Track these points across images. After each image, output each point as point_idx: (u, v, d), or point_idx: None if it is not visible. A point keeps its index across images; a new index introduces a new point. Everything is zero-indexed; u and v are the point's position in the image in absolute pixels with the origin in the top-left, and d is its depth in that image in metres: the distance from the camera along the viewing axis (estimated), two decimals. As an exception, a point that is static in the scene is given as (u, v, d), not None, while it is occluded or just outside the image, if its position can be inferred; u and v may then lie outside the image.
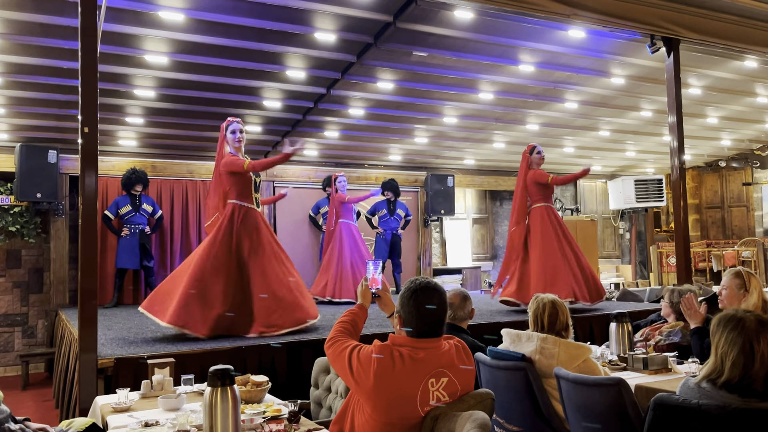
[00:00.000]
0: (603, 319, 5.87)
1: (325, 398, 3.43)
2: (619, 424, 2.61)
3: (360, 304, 2.70)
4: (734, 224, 13.30)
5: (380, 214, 9.33)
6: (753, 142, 11.64)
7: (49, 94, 6.62)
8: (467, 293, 3.81)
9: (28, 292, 8.49)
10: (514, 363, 3.06)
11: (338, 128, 8.60)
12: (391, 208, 9.37)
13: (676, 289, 4.11)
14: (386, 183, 9.47)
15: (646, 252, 13.40)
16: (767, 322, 2.03)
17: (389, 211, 9.31)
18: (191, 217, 9.21)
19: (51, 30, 5.27)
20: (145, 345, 4.46)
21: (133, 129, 8.06)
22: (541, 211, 6.61)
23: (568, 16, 5.08)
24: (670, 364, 3.38)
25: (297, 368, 4.48)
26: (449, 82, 7.05)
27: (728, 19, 5.70)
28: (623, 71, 7.07)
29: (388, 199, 9.40)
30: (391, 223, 9.29)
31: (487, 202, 12.29)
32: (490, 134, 9.45)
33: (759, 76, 7.51)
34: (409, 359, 2.27)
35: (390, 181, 9.51)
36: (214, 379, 2.17)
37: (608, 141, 10.26)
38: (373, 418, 2.26)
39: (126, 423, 2.62)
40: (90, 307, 3.81)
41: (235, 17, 5.27)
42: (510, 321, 5.32)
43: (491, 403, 2.36)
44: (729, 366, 1.99)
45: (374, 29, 5.71)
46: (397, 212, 9.40)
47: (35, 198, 7.95)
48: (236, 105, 7.34)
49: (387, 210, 9.32)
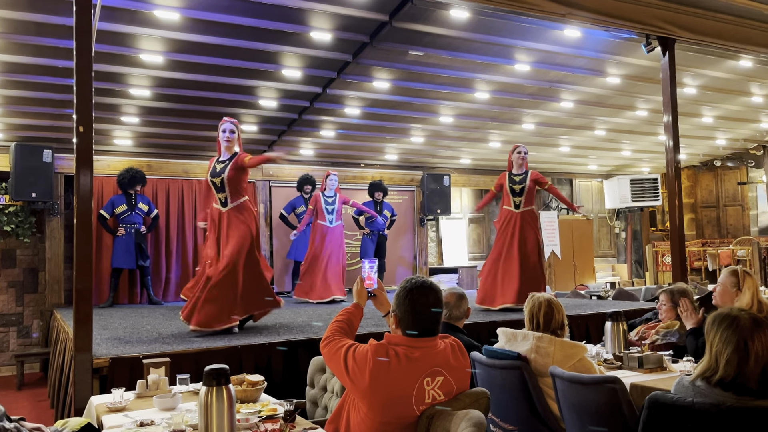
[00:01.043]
0: (598, 318, 5.89)
1: (321, 397, 3.43)
2: (615, 423, 2.61)
3: (355, 303, 2.69)
4: (729, 223, 13.34)
5: (367, 215, 9.30)
6: (748, 141, 11.67)
7: (44, 93, 6.60)
8: (463, 292, 3.82)
9: (23, 292, 8.47)
10: (509, 362, 3.06)
11: (334, 127, 8.59)
12: (378, 209, 9.36)
13: (673, 289, 4.07)
14: (375, 184, 9.45)
15: (641, 251, 13.44)
16: (762, 321, 2.04)
17: (377, 212, 9.29)
18: (187, 217, 9.20)
19: (46, 29, 5.25)
20: (141, 344, 4.45)
21: (129, 128, 8.04)
22: (506, 214, 6.79)
23: (563, 16, 5.09)
24: (665, 362, 3.39)
25: (293, 368, 4.48)
26: (445, 82, 7.06)
27: (723, 19, 5.71)
28: (619, 71, 7.09)
29: (376, 200, 9.40)
30: (378, 224, 9.28)
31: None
32: (486, 134, 9.46)
33: (754, 76, 7.53)
34: (405, 358, 2.27)
35: (378, 183, 9.49)
36: (210, 378, 2.17)
37: (604, 140, 10.28)
38: (369, 417, 2.26)
39: (121, 423, 2.61)
40: (85, 306, 3.79)
41: (231, 16, 5.26)
42: (506, 320, 5.33)
43: (487, 401, 2.37)
44: (723, 364, 2.00)
45: (370, 28, 5.71)
46: (383, 213, 9.39)
47: (30, 197, 7.93)
48: (232, 104, 7.33)
49: (375, 211, 9.30)
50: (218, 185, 5.27)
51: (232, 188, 5.25)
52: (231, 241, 5.14)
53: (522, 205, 6.75)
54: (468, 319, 3.90)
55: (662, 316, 4.07)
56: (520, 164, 6.87)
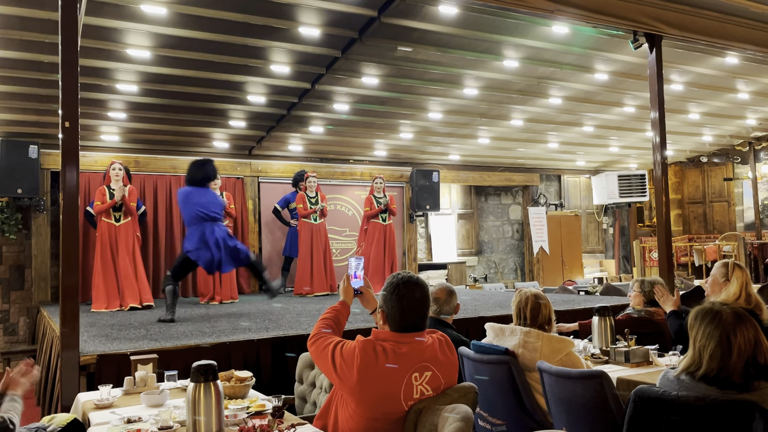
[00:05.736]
0: (586, 313, 5.92)
1: (310, 393, 3.42)
2: (601, 416, 2.63)
3: (342, 300, 2.69)
4: (716, 219, 13.46)
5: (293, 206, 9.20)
6: (734, 137, 11.78)
7: (29, 88, 6.54)
8: (453, 288, 3.82)
9: (9, 289, 8.39)
10: (497, 357, 3.08)
11: (323, 123, 8.58)
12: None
13: (645, 279, 4.40)
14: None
15: (629, 247, 13.53)
16: (744, 316, 2.06)
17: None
18: (175, 213, 9.13)
19: (31, 23, 5.20)
20: (128, 341, 4.43)
21: (116, 124, 7.98)
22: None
23: (551, 12, 5.10)
24: (652, 357, 3.43)
25: (281, 364, 4.47)
26: (434, 78, 7.06)
27: (710, 16, 5.75)
28: (606, 67, 7.12)
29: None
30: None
31: (472, 198, 12.33)
32: (475, 130, 9.47)
33: (740, 73, 7.59)
34: (393, 354, 2.28)
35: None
36: (197, 374, 2.16)
37: (592, 136, 10.33)
38: (357, 413, 2.27)
39: (108, 420, 2.60)
40: (72, 303, 3.77)
41: (218, 11, 5.24)
42: (494, 315, 5.35)
43: (474, 396, 2.38)
44: (707, 359, 2.02)
45: (359, 24, 5.69)
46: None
47: (16, 193, 7.86)
48: (220, 100, 7.30)
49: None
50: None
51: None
52: None
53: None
54: (456, 315, 3.91)
55: (631, 302, 4.43)
56: (379, 191, 8.54)
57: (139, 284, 7.34)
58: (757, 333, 2.03)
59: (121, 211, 7.39)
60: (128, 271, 7.26)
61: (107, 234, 7.32)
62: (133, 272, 7.31)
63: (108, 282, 7.19)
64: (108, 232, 7.33)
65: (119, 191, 7.29)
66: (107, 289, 7.17)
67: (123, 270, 7.24)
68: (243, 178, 9.68)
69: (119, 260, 7.29)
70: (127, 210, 7.40)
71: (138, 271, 7.40)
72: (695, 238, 13.18)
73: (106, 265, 7.25)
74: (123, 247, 7.31)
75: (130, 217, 7.47)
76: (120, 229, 7.37)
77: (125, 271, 7.24)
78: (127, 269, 7.26)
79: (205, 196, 6.15)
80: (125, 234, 7.38)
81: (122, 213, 7.40)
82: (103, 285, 7.17)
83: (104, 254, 7.27)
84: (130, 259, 7.33)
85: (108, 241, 7.30)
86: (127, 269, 7.26)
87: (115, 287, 7.21)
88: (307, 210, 8.53)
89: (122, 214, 7.41)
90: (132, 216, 7.48)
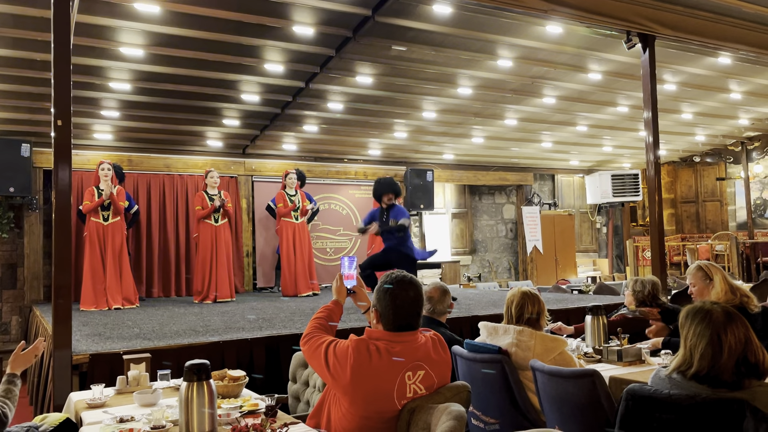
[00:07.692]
0: (579, 312, 5.94)
1: (303, 392, 3.42)
2: (594, 415, 2.65)
3: (335, 300, 2.69)
4: (708, 218, 13.52)
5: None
6: (726, 137, 11.84)
7: (21, 86, 6.50)
8: (446, 287, 3.83)
9: (1, 288, 8.34)
10: (490, 355, 3.09)
11: (317, 122, 8.56)
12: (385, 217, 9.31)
13: (639, 279, 4.37)
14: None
15: (622, 246, 13.57)
16: (734, 314, 2.07)
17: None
18: (168, 212, 9.12)
19: (23, 21, 5.17)
20: (121, 340, 4.42)
21: (109, 122, 7.95)
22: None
23: (545, 12, 5.11)
24: (644, 356, 3.44)
25: (275, 363, 4.47)
26: (428, 77, 7.06)
27: (703, 16, 5.77)
28: (600, 67, 7.14)
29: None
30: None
31: (466, 197, 12.34)
32: (469, 129, 9.48)
33: (732, 73, 7.63)
34: (386, 353, 2.28)
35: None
36: (190, 374, 2.16)
37: (585, 136, 10.35)
38: (350, 412, 2.27)
39: (101, 419, 2.59)
40: (64, 302, 3.75)
41: (212, 9, 5.22)
42: (488, 314, 5.36)
43: (467, 395, 2.38)
44: (698, 358, 2.03)
45: (353, 23, 5.69)
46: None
47: (8, 192, 7.82)
48: (214, 98, 7.28)
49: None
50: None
51: None
52: None
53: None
54: (450, 314, 3.91)
55: (625, 300, 4.47)
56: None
57: (123, 285, 7.34)
58: (748, 331, 2.04)
59: (109, 210, 7.37)
60: (112, 271, 7.25)
61: (95, 233, 7.30)
62: (117, 273, 7.30)
63: (96, 281, 7.18)
64: (96, 231, 7.31)
65: (107, 190, 7.29)
66: (95, 289, 7.15)
67: (108, 270, 7.23)
68: (237, 177, 9.66)
69: (107, 259, 7.28)
70: (115, 209, 7.38)
71: (123, 272, 7.39)
72: (688, 238, 13.24)
73: (94, 265, 7.23)
74: (110, 246, 7.31)
75: (119, 216, 7.44)
76: (108, 228, 7.36)
77: (110, 271, 7.23)
78: (111, 269, 7.25)
79: None
80: (113, 233, 7.36)
81: (111, 212, 7.38)
82: (92, 284, 7.16)
83: (93, 253, 7.26)
84: (115, 260, 7.32)
85: (96, 240, 7.29)
86: (111, 269, 7.25)
87: (103, 287, 7.20)
88: (287, 207, 8.50)
89: (111, 213, 7.38)
90: (120, 215, 7.45)
